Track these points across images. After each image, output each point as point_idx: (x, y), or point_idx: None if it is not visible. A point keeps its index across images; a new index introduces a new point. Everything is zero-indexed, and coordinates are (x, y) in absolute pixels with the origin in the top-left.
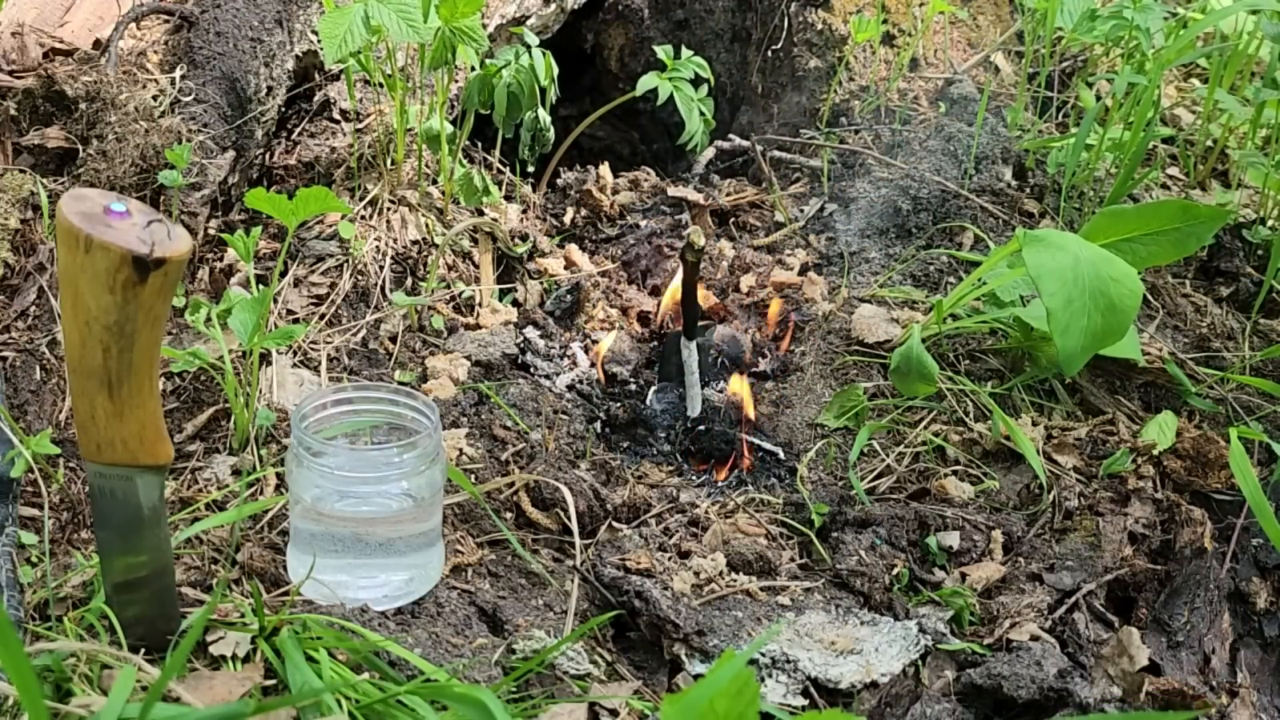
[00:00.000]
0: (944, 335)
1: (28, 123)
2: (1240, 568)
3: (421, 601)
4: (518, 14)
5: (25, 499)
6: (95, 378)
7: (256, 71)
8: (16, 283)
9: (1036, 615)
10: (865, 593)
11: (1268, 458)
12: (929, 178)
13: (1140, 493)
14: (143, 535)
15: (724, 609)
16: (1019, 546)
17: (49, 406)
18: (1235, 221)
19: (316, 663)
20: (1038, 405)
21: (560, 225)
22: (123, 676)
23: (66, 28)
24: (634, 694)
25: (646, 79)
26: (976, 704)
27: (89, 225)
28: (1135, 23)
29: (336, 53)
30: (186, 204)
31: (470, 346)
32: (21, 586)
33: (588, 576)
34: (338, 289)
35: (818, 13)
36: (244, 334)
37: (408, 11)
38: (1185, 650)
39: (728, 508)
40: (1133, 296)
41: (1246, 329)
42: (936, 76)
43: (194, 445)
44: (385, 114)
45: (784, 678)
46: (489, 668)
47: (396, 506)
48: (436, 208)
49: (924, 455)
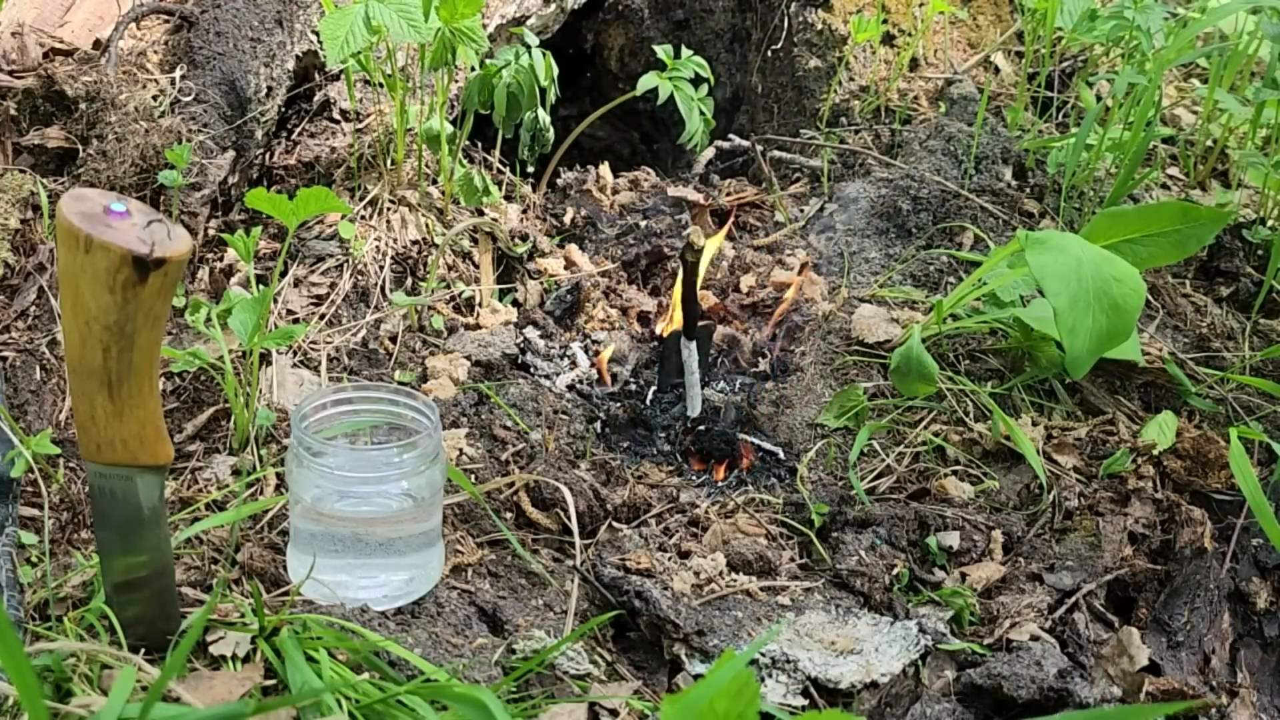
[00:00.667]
0: (944, 335)
1: (28, 123)
2: (1240, 568)
3: (421, 601)
4: (518, 14)
5: (25, 499)
6: (95, 378)
7: (256, 71)
8: (16, 283)
9: (1036, 615)
10: (865, 593)
11: (1268, 458)
12: (929, 178)
13: (1140, 493)
14: (143, 535)
15: (724, 609)
16: (1019, 546)
17: (49, 406)
18: (1235, 221)
19: (316, 663)
20: (1038, 405)
21: (560, 225)
22: (123, 676)
23: (66, 28)
24: (634, 694)
25: (647, 78)
26: (976, 704)
27: (89, 225)
28: (1135, 23)
29: (338, 54)
30: (186, 204)
31: (470, 346)
32: (21, 586)
33: (588, 576)
34: (338, 289)
35: (818, 13)
36: (244, 334)
37: (408, 11)
38: (1185, 650)
39: (728, 508)
40: (1136, 296)
41: (1246, 329)
42: (936, 76)
43: (194, 445)
44: (385, 114)
45: (784, 678)
46: (489, 668)
47: (396, 506)
48: (436, 208)
49: (924, 455)
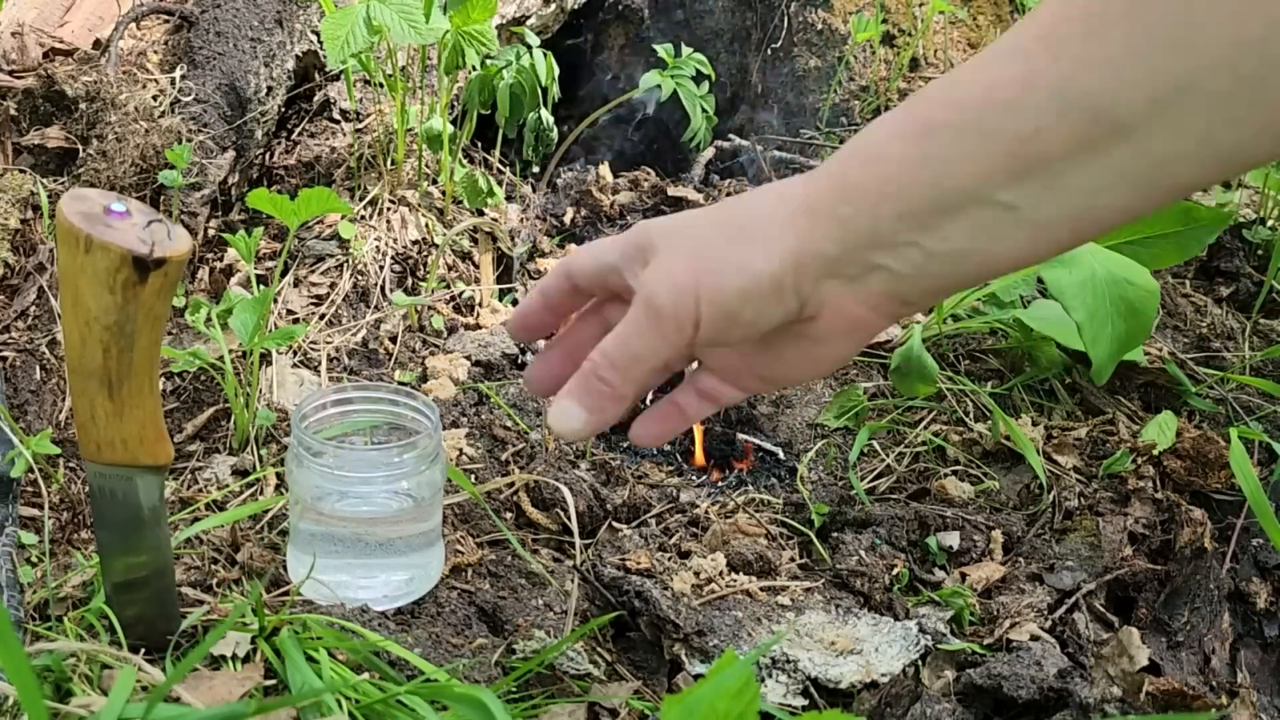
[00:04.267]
0: (944, 335)
1: (28, 123)
2: (1240, 568)
3: (421, 601)
4: (518, 14)
5: (25, 499)
6: (95, 378)
7: (256, 71)
8: (16, 283)
9: (1036, 615)
10: (865, 593)
11: (1268, 458)
12: None
13: (1140, 493)
14: (143, 535)
15: (724, 609)
16: (1019, 546)
17: (49, 406)
18: (1235, 221)
19: (316, 663)
20: (1038, 405)
21: (560, 225)
22: (123, 677)
23: (66, 28)
24: (634, 694)
25: (649, 76)
26: (976, 704)
27: (89, 225)
28: None
29: (339, 54)
30: (186, 204)
31: (470, 346)
32: (21, 586)
33: (588, 576)
34: (338, 289)
35: (818, 13)
36: (244, 334)
37: (409, 12)
38: (1185, 650)
39: (728, 508)
40: (1151, 297)
41: (1246, 329)
42: (936, 76)
43: (194, 445)
44: (385, 114)
45: (784, 678)
46: (489, 668)
47: (396, 506)
48: (436, 208)
49: (924, 455)
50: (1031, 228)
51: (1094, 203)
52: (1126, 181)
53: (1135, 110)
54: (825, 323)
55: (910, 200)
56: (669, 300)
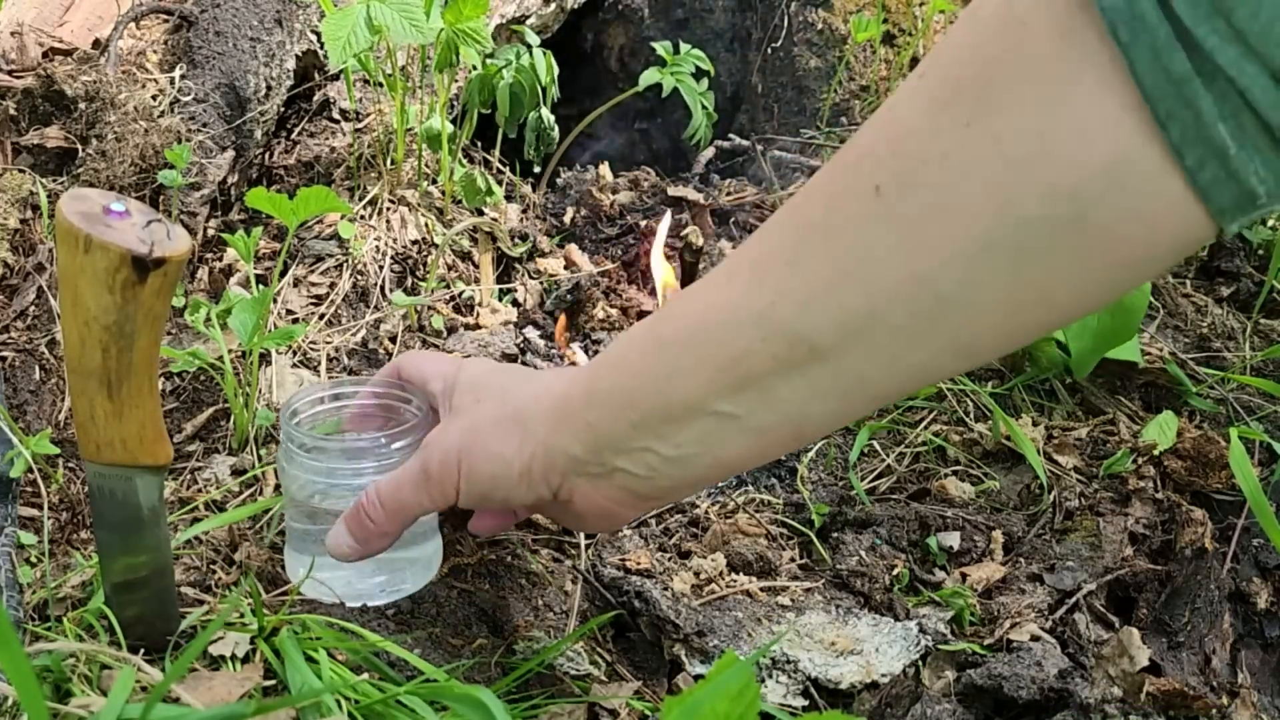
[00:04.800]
0: None
1: (27, 123)
2: (1241, 568)
3: (421, 601)
4: (518, 14)
5: (25, 499)
6: (95, 378)
7: (256, 71)
8: (16, 283)
9: (1037, 615)
10: (865, 593)
11: (1268, 458)
12: None
13: (1141, 493)
14: (143, 535)
15: (724, 609)
16: (1019, 546)
17: (49, 406)
18: None
19: (316, 663)
20: (1038, 405)
21: (560, 225)
22: (122, 677)
23: (66, 27)
24: (634, 694)
25: (648, 74)
26: (977, 704)
27: (88, 225)
28: None
29: (340, 55)
30: (186, 204)
31: (470, 346)
32: (21, 586)
33: (588, 576)
34: (337, 289)
35: (818, 12)
36: (244, 334)
37: (410, 12)
38: (1186, 650)
39: (728, 508)
40: (1140, 295)
41: (1247, 329)
42: None
43: (194, 445)
44: (385, 114)
45: (784, 678)
46: (489, 668)
47: None
48: (436, 208)
49: (924, 455)
50: (754, 434)
51: (806, 411)
52: (832, 395)
53: (827, 337)
54: (579, 506)
55: (644, 411)
56: (437, 467)
